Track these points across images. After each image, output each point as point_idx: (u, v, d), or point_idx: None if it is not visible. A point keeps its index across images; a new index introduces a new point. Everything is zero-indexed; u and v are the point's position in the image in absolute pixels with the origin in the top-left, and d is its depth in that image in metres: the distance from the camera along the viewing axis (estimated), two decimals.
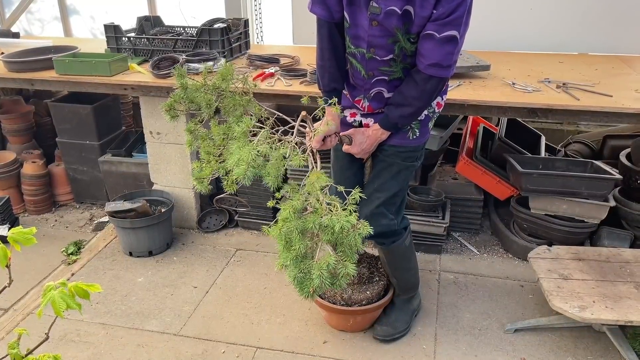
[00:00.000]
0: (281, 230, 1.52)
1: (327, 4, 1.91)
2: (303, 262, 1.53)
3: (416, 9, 1.76)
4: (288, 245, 1.53)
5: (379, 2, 1.79)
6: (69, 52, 3.21)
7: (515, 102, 2.53)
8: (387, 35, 1.86)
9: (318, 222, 1.50)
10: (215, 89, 1.91)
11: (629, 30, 3.47)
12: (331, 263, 1.47)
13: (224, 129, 1.84)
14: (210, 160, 1.85)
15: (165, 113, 1.92)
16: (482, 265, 2.97)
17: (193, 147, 1.95)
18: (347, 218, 1.47)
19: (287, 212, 1.52)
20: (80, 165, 3.59)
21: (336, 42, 1.99)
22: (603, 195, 2.77)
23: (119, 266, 3.00)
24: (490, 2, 3.57)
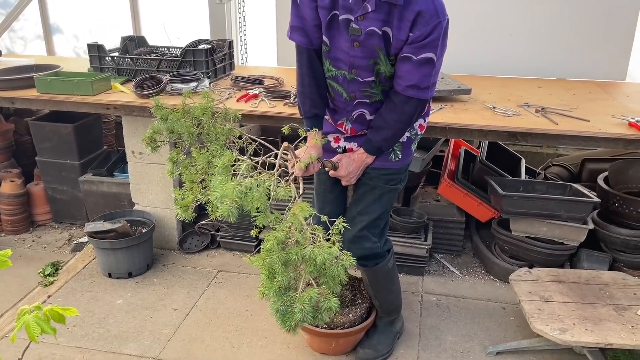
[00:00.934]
0: (265, 260, 1.51)
1: (306, 31, 1.94)
2: (286, 295, 1.52)
3: (393, 31, 1.80)
4: (271, 276, 1.52)
5: (359, 24, 1.82)
6: (51, 70, 3.19)
7: (495, 126, 2.57)
8: (368, 56, 1.88)
9: (301, 254, 1.49)
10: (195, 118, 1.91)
11: (605, 57, 3.57)
12: (314, 297, 1.46)
13: (206, 157, 1.83)
14: (192, 187, 1.84)
15: (145, 146, 1.92)
16: (464, 287, 2.98)
17: (174, 175, 1.94)
18: (329, 250, 1.47)
19: (270, 243, 1.51)
20: (60, 184, 3.54)
21: (316, 68, 2.01)
22: (582, 218, 2.81)
23: (97, 288, 2.94)
24: (471, 28, 3.65)
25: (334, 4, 1.83)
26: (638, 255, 2.80)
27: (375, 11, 1.78)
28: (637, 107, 2.83)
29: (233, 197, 1.47)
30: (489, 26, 3.66)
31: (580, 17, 3.53)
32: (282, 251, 1.51)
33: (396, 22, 1.78)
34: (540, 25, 3.59)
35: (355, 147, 2.14)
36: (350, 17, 1.82)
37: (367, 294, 2.46)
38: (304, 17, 1.91)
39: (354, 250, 2.12)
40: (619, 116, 2.64)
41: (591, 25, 3.52)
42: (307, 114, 2.07)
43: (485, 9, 3.62)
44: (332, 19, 1.86)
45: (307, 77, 2.01)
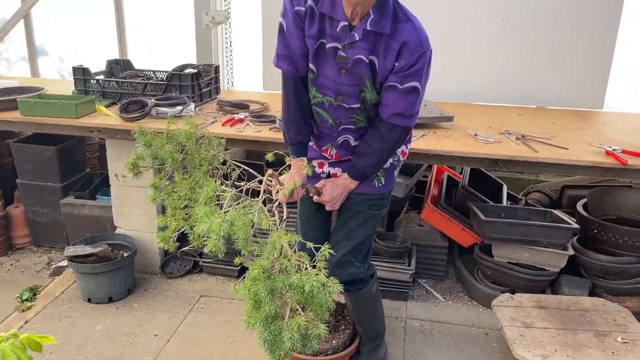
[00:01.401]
0: (250, 290, 1.50)
1: (293, 60, 1.96)
2: (273, 324, 1.51)
3: (379, 60, 1.84)
4: (257, 305, 1.51)
5: (346, 52, 1.86)
6: (35, 93, 3.18)
7: (477, 153, 2.61)
8: (355, 83, 1.92)
9: (287, 282, 1.48)
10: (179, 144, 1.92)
11: (583, 87, 3.67)
12: (302, 324, 1.45)
13: (189, 183, 1.83)
14: (175, 214, 1.83)
15: (128, 171, 1.91)
16: (448, 313, 2.98)
17: (157, 201, 1.94)
18: (316, 277, 1.47)
19: (256, 272, 1.50)
20: (41, 207, 3.49)
21: (302, 96, 2.03)
22: (562, 244, 2.85)
23: (76, 313, 2.89)
24: (454, 56, 3.73)
25: (322, 33, 1.87)
26: (617, 281, 2.84)
27: (363, 40, 1.83)
28: (613, 136, 2.91)
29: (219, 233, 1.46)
30: (471, 55, 3.75)
31: (559, 48, 3.63)
32: (267, 279, 1.50)
33: (382, 52, 1.83)
34: (521, 55, 3.69)
35: (339, 173, 2.15)
36: (338, 45, 1.86)
37: (351, 319, 2.46)
38: (290, 46, 1.94)
39: (337, 275, 2.11)
40: (596, 145, 2.70)
41: (570, 56, 3.63)
42: (292, 141, 2.09)
43: (467, 38, 3.71)
44: (320, 48, 1.90)
45: (293, 104, 2.03)
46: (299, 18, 1.87)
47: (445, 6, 3.66)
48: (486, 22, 3.66)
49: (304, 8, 1.85)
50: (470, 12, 3.65)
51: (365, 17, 1.80)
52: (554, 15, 3.57)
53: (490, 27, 3.66)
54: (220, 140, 2.03)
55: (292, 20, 1.89)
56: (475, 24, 3.67)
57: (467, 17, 3.67)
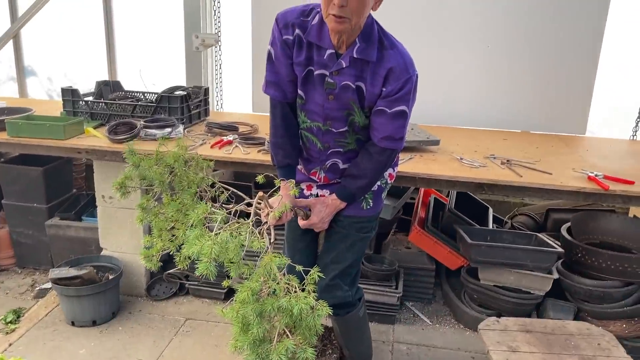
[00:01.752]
0: (238, 312, 1.49)
1: (281, 86, 2.00)
2: (261, 347, 1.50)
3: (367, 86, 1.89)
4: (245, 329, 1.51)
5: (333, 78, 1.90)
6: (23, 114, 3.18)
7: (463, 177, 2.65)
8: (342, 108, 1.96)
9: (276, 305, 1.49)
10: (168, 166, 1.93)
11: (566, 112, 3.74)
12: (290, 347, 1.45)
13: (176, 205, 1.83)
14: (161, 235, 1.83)
15: (116, 192, 1.91)
16: (435, 336, 2.98)
17: (144, 222, 1.93)
18: (305, 300, 1.47)
19: (244, 294, 1.50)
20: (26, 228, 3.46)
21: (290, 121, 2.07)
22: (547, 268, 2.88)
23: (60, 337, 2.84)
24: (441, 81, 3.79)
25: (309, 61, 1.92)
26: (601, 305, 2.87)
27: (349, 67, 1.87)
28: (595, 161, 2.96)
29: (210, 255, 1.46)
30: (457, 80, 3.82)
31: (543, 74, 3.71)
32: (256, 302, 1.50)
33: (369, 78, 1.87)
34: (506, 81, 3.77)
35: (327, 194, 2.17)
36: (325, 72, 1.91)
37: (338, 343, 2.45)
38: (279, 73, 1.98)
39: (325, 299, 2.11)
40: (579, 170, 2.75)
41: (553, 82, 3.71)
42: (280, 164, 2.11)
43: (453, 63, 3.79)
44: (308, 75, 1.94)
45: (281, 129, 2.07)
46: (287, 46, 1.91)
47: (432, 32, 3.74)
48: (472, 48, 3.73)
49: (292, 37, 1.90)
50: (456, 38, 3.73)
51: (352, 45, 1.85)
52: (538, 41, 3.66)
53: (476, 53, 3.74)
54: (209, 163, 2.04)
55: (281, 49, 1.93)
56: (461, 49, 3.75)
57: (454, 43, 3.74)
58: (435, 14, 3.71)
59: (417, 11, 3.71)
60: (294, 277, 1.59)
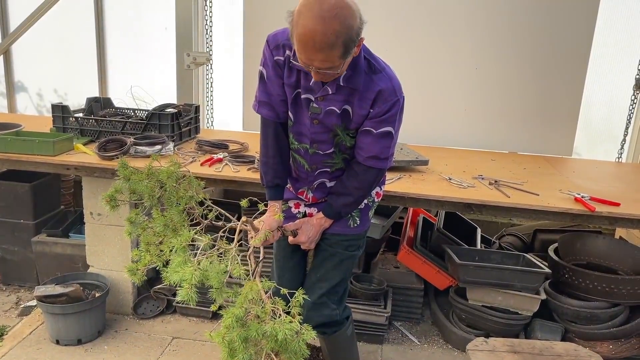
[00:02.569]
0: (224, 338, 1.49)
1: (273, 106, 2.01)
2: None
3: (354, 108, 1.91)
4: (232, 354, 1.50)
5: (319, 103, 1.92)
6: (12, 130, 3.16)
7: (451, 197, 2.67)
8: (327, 131, 1.98)
9: (261, 330, 1.48)
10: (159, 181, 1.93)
11: (553, 134, 3.80)
12: None
13: (163, 221, 1.83)
14: (149, 249, 1.82)
15: (105, 204, 1.90)
16: (423, 357, 2.97)
17: (133, 236, 1.93)
18: (289, 326, 1.47)
19: (229, 320, 1.50)
20: (12, 245, 3.41)
21: (281, 140, 2.08)
22: (534, 288, 2.89)
23: (43, 356, 2.79)
24: (429, 102, 3.84)
25: (298, 83, 1.93)
26: (588, 326, 2.88)
27: (336, 93, 1.89)
28: (582, 183, 3.01)
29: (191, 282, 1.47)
30: (446, 101, 3.87)
31: (530, 96, 3.78)
32: (241, 328, 1.50)
33: (357, 102, 1.89)
34: (494, 103, 3.83)
35: (315, 213, 2.18)
36: (311, 97, 1.92)
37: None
38: (271, 93, 2.00)
39: (313, 317, 2.13)
40: (566, 191, 2.79)
41: (540, 105, 3.77)
42: (269, 184, 2.12)
43: (442, 84, 3.84)
44: (296, 97, 1.96)
45: (272, 148, 2.07)
46: (279, 67, 1.93)
47: (421, 53, 3.80)
48: (460, 70, 3.80)
49: (282, 57, 1.91)
50: (445, 59, 3.79)
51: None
52: (526, 64, 3.73)
53: (465, 74, 3.80)
54: (200, 183, 2.04)
55: (272, 69, 1.94)
56: (449, 71, 3.81)
57: (442, 64, 3.80)
58: (426, 35, 3.77)
59: (407, 32, 3.78)
60: (280, 299, 1.60)
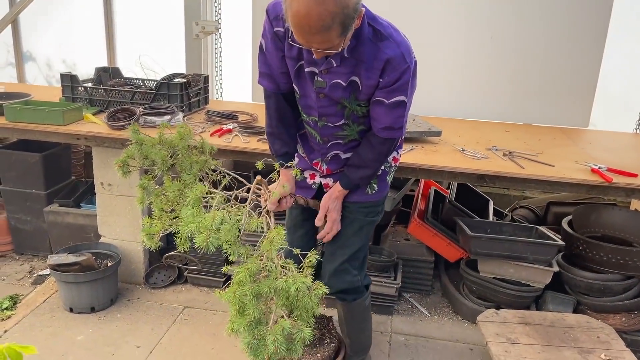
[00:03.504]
0: (235, 294, 1.48)
1: (274, 77, 1.97)
2: (257, 329, 1.49)
3: (362, 79, 1.83)
4: (241, 310, 1.49)
5: (323, 77, 1.85)
6: (21, 99, 3.15)
7: (464, 168, 2.63)
8: (335, 104, 1.92)
9: (273, 285, 1.47)
10: (171, 147, 1.91)
11: (569, 105, 3.72)
12: (286, 328, 1.44)
13: (178, 185, 1.82)
14: (162, 216, 1.81)
15: (117, 169, 1.89)
16: (433, 327, 2.98)
17: (145, 203, 1.91)
18: (302, 280, 1.46)
19: (242, 275, 1.49)
20: (24, 214, 3.44)
21: (284, 111, 2.04)
22: (547, 261, 2.87)
23: (57, 323, 2.83)
24: (443, 72, 3.77)
25: (300, 56, 1.85)
26: (601, 298, 2.86)
27: (340, 66, 1.81)
28: (599, 154, 2.95)
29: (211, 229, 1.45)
30: (459, 71, 3.79)
31: (546, 66, 3.68)
32: (253, 283, 1.49)
33: (364, 72, 1.81)
34: (510, 73, 3.74)
35: (330, 183, 2.16)
36: (315, 70, 1.85)
37: (336, 332, 2.44)
38: (270, 65, 1.95)
39: (334, 284, 2.15)
40: (582, 162, 2.74)
41: (557, 75, 3.68)
42: (278, 152, 2.10)
43: (456, 54, 3.76)
44: (299, 69, 1.89)
45: (275, 119, 2.05)
46: (278, 39, 1.86)
47: (434, 22, 3.70)
48: (475, 39, 3.70)
49: (282, 29, 1.83)
50: (459, 28, 3.70)
51: None
52: (541, 33, 3.63)
53: (479, 43, 3.71)
54: (213, 147, 2.03)
55: (271, 41, 1.88)
56: (463, 40, 3.72)
57: (456, 34, 3.71)
58: (440, 3, 3.67)
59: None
60: (292, 261, 1.59)
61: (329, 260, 2.18)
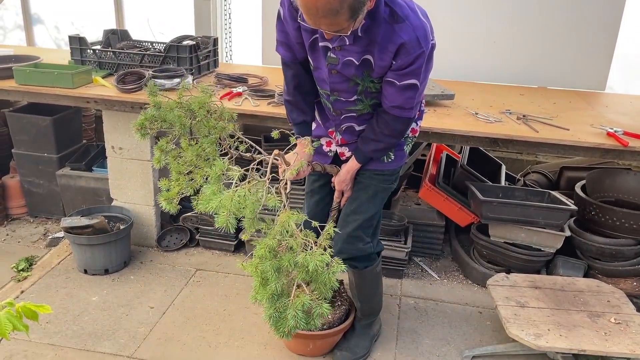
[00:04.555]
0: (257, 267, 1.53)
1: (291, 47, 1.96)
2: (279, 301, 1.56)
3: (375, 59, 1.80)
4: (264, 282, 1.54)
5: (336, 53, 1.82)
6: (31, 62, 3.13)
7: (477, 132, 2.59)
8: (347, 80, 1.91)
9: (293, 260, 1.51)
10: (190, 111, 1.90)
11: (586, 67, 3.63)
12: (306, 303, 1.50)
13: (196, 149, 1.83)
14: (179, 179, 1.82)
15: (136, 132, 1.88)
16: (442, 291, 3.00)
17: (161, 164, 1.92)
18: (321, 257, 1.49)
19: (262, 251, 1.53)
20: (37, 178, 3.47)
21: (302, 80, 2.04)
22: (559, 225, 2.85)
23: (72, 284, 2.89)
24: (456, 34, 3.68)
25: (315, 29, 1.81)
26: (612, 263, 2.85)
27: (354, 44, 1.78)
28: (615, 117, 2.89)
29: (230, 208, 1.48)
30: (473, 33, 3.70)
31: (563, 28, 3.58)
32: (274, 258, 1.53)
33: (377, 52, 1.78)
34: (524, 34, 3.64)
35: (346, 152, 2.17)
36: (328, 45, 1.83)
37: (347, 295, 2.47)
38: (288, 34, 1.93)
39: (346, 250, 2.17)
40: (597, 126, 2.68)
41: (573, 37, 3.58)
42: (295, 121, 2.10)
43: (470, 15, 3.66)
44: (314, 42, 1.87)
45: (292, 87, 2.04)
46: (294, 9, 1.82)
47: None
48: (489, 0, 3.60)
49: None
50: None
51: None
52: None
53: (493, 5, 3.60)
54: (233, 114, 2.02)
55: (288, 10, 1.85)
56: (478, 1, 3.61)
57: None
58: None
59: None
60: (311, 232, 1.62)
61: (342, 225, 2.19)
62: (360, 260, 2.25)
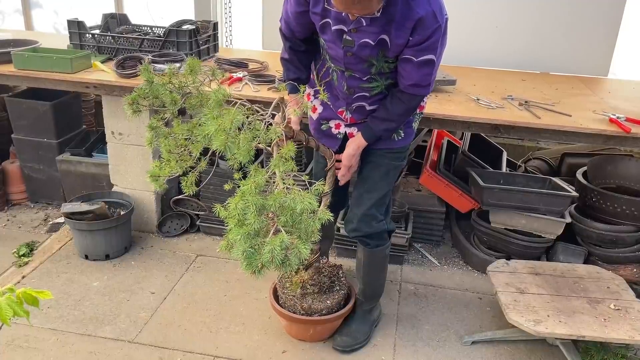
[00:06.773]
0: (237, 204, 1.44)
1: (290, 27, 2.02)
2: (255, 239, 1.45)
3: (392, 38, 1.82)
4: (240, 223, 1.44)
5: (352, 35, 1.84)
6: (29, 46, 3.10)
7: (479, 118, 2.58)
8: (362, 61, 1.93)
9: (280, 200, 1.45)
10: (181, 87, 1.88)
11: (588, 53, 3.60)
12: (285, 241, 1.42)
13: (188, 127, 1.81)
14: (170, 159, 1.80)
15: (127, 107, 1.86)
16: (443, 277, 3.00)
17: (153, 145, 1.90)
18: (309, 199, 1.45)
19: (248, 187, 1.47)
20: (37, 163, 3.46)
21: (298, 51, 2.10)
22: (560, 212, 2.85)
23: (73, 269, 2.90)
24: (457, 19, 3.62)
25: (326, 13, 1.85)
26: (613, 249, 2.85)
27: (370, 25, 1.80)
28: (618, 103, 2.87)
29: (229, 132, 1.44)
30: (475, 17, 3.66)
31: (566, 13, 3.55)
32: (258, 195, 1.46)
33: (394, 31, 1.80)
34: (526, 19, 3.61)
35: (355, 132, 2.17)
36: (344, 28, 1.84)
37: (346, 280, 2.47)
38: (291, 13, 1.98)
39: (361, 228, 2.22)
40: (600, 112, 2.67)
41: (576, 22, 3.55)
42: (289, 77, 2.15)
43: (472, 0, 3.62)
44: (325, 26, 1.89)
45: (288, 48, 2.11)
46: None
47: None
48: None
49: None
50: None
51: None
52: None
53: None
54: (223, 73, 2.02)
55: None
56: None
57: None
58: None
59: None
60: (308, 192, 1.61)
61: (356, 204, 2.22)
62: (373, 237, 2.28)
